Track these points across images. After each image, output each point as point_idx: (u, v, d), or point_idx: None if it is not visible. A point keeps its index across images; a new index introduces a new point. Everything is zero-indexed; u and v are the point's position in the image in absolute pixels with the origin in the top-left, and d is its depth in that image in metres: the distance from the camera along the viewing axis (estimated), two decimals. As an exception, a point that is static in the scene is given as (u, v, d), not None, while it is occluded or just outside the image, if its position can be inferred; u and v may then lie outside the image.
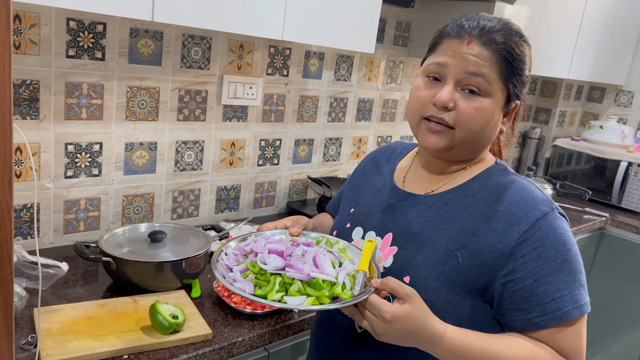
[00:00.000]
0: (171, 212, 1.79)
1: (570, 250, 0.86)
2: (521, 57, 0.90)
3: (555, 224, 0.87)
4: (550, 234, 0.86)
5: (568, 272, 0.85)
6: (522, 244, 0.85)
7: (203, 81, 1.73)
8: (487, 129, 0.91)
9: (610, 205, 2.87)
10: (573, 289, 0.85)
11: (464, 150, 0.94)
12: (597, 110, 3.38)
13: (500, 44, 0.88)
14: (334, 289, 0.86)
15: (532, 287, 0.85)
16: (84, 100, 1.50)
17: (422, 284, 0.89)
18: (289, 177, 2.12)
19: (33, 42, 1.37)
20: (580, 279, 0.87)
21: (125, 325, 1.16)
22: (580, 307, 0.85)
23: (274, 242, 0.95)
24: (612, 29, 2.82)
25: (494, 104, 0.90)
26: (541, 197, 0.90)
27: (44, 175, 1.49)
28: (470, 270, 0.88)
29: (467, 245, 0.89)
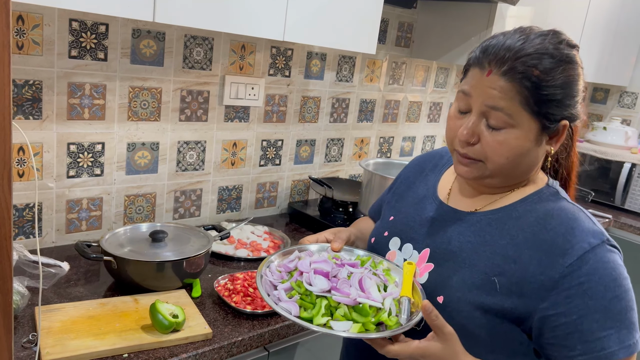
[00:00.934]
0: (173, 212, 1.80)
1: (621, 286, 0.81)
2: (550, 81, 0.81)
3: (605, 257, 0.81)
4: (598, 269, 0.80)
5: (617, 311, 0.80)
6: (566, 277, 0.81)
7: (205, 82, 1.74)
8: (519, 159, 0.86)
9: (613, 206, 2.86)
10: (621, 327, 0.80)
11: (500, 179, 0.90)
12: (601, 111, 3.37)
13: (520, 73, 0.81)
14: (379, 315, 0.85)
15: (576, 323, 0.80)
16: (87, 100, 1.51)
17: (455, 306, 0.87)
18: (291, 177, 2.12)
19: (36, 42, 1.38)
20: (630, 317, 0.81)
21: (125, 324, 1.16)
22: (627, 347, 0.80)
23: (319, 261, 0.94)
24: (616, 30, 2.81)
25: (522, 135, 0.84)
26: (590, 229, 0.84)
27: (47, 175, 1.50)
28: (507, 299, 0.84)
29: (506, 272, 0.85)
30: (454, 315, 0.86)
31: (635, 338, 0.81)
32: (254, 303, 1.31)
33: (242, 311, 1.28)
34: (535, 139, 0.85)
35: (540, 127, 0.84)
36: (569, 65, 0.84)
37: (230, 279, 1.42)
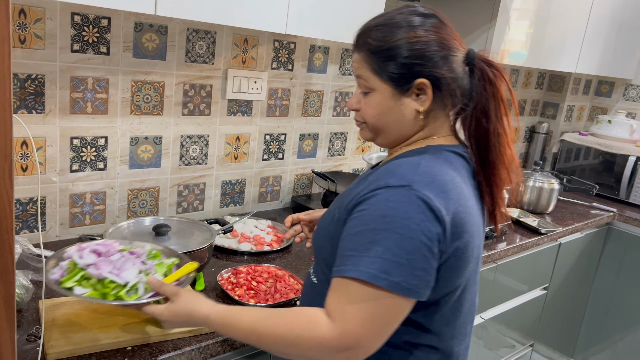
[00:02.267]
0: (176, 206, 1.80)
1: (388, 224, 0.85)
2: (383, 44, 0.94)
3: (392, 197, 0.87)
4: (378, 202, 0.87)
5: (369, 240, 0.85)
6: (358, 204, 0.90)
7: (207, 75, 1.73)
8: (385, 117, 0.98)
9: (618, 200, 2.85)
10: (363, 255, 0.85)
11: (386, 138, 1.02)
12: (606, 104, 3.35)
13: (361, 44, 0.98)
14: (119, 291, 1.01)
15: (343, 239, 0.90)
16: (89, 94, 1.51)
17: (315, 234, 1.07)
18: (294, 171, 2.12)
19: (38, 36, 1.38)
20: (377, 251, 0.84)
21: (129, 317, 1.17)
22: (360, 271, 0.84)
23: (101, 244, 1.12)
24: (621, 22, 2.79)
25: (380, 95, 0.97)
26: (401, 173, 0.90)
27: (50, 169, 1.50)
28: (338, 225, 0.95)
29: (341, 205, 0.97)
30: (315, 240, 1.06)
31: (374, 270, 0.83)
32: (257, 296, 1.32)
33: (245, 304, 1.28)
34: (391, 97, 0.96)
35: (392, 86, 0.96)
36: (402, 29, 0.94)
37: (233, 272, 1.42)
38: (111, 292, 1.00)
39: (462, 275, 0.94)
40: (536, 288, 2.38)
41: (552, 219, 2.42)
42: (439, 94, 0.95)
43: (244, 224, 1.77)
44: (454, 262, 0.90)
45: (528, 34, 2.26)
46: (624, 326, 2.76)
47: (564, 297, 2.61)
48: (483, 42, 2.11)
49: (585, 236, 2.54)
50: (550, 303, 2.50)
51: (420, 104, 0.96)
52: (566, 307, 2.70)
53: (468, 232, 0.91)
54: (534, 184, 2.44)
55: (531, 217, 2.32)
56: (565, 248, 2.42)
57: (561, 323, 2.73)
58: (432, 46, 0.94)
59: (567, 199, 2.78)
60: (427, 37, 0.94)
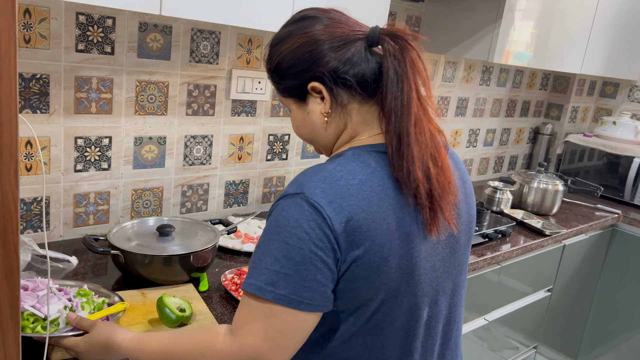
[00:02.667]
0: (180, 207, 1.80)
1: (279, 234, 0.82)
2: (269, 67, 0.96)
3: (286, 206, 0.83)
4: (275, 213, 0.84)
5: (263, 250, 0.83)
6: (268, 217, 0.87)
7: (212, 76, 1.73)
8: (303, 128, 0.98)
9: (622, 202, 2.84)
10: (255, 267, 0.83)
11: (320, 147, 1.01)
12: (610, 106, 3.34)
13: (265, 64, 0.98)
14: (37, 324, 1.02)
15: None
16: (94, 94, 1.51)
17: None
18: (298, 172, 2.11)
19: (43, 36, 1.38)
20: (264, 261, 0.82)
21: (132, 318, 1.16)
22: (247, 284, 0.83)
23: (32, 280, 1.14)
24: (626, 23, 2.78)
25: (294, 110, 0.98)
26: (300, 181, 0.86)
27: (54, 168, 1.50)
28: None
29: None
30: None
31: (260, 281, 0.81)
32: None
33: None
34: (299, 109, 0.96)
35: (294, 100, 0.96)
36: (282, 43, 0.94)
37: (237, 273, 1.42)
38: (30, 325, 1.01)
39: (372, 286, 0.85)
40: (540, 290, 2.37)
41: (556, 220, 2.41)
42: (337, 90, 0.90)
43: (248, 225, 1.76)
44: (357, 271, 0.83)
45: (533, 35, 2.25)
46: (628, 328, 2.75)
47: (568, 299, 2.60)
48: (488, 42, 2.10)
49: (590, 238, 2.53)
50: (555, 305, 2.49)
51: (322, 106, 0.93)
52: (570, 309, 2.69)
53: (371, 240, 0.82)
54: (538, 186, 2.43)
55: (535, 218, 2.31)
56: (570, 250, 2.41)
57: (565, 325, 2.72)
58: (307, 47, 0.90)
59: (571, 200, 2.77)
60: (298, 41, 0.91)
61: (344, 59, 0.89)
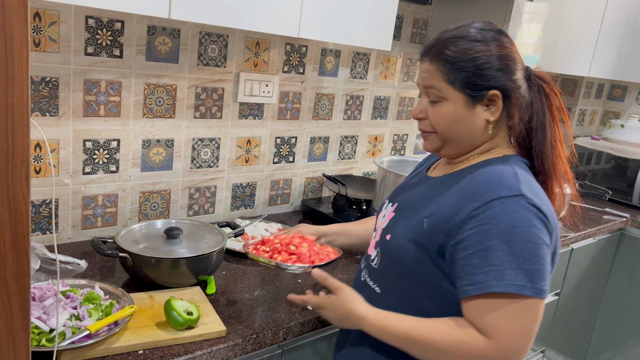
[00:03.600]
0: (187, 209, 1.80)
1: (518, 234, 0.89)
2: (460, 55, 0.99)
3: (511, 208, 0.91)
4: (500, 214, 0.90)
5: (506, 253, 0.89)
6: (472, 218, 0.92)
7: (219, 79, 1.74)
8: (456, 126, 1.03)
9: (631, 205, 2.82)
10: (505, 268, 0.88)
11: (454, 147, 1.06)
12: (619, 108, 3.32)
13: (436, 55, 1.02)
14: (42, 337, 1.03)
15: (470, 257, 0.91)
16: (102, 97, 1.51)
17: (395, 241, 1.05)
18: (304, 174, 2.12)
19: (53, 39, 1.39)
20: (520, 263, 0.89)
21: (140, 320, 1.17)
22: (505, 285, 0.88)
23: (38, 287, 1.15)
24: (634, 26, 2.76)
25: (452, 104, 1.01)
26: (508, 184, 0.94)
27: (63, 171, 1.51)
28: (431, 236, 0.98)
29: (434, 214, 0.99)
30: (394, 249, 1.05)
31: (518, 281, 0.88)
32: (300, 259, 1.22)
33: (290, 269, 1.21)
34: (464, 106, 1.01)
35: (466, 96, 1.00)
36: (479, 43, 1.00)
37: (260, 243, 1.31)
38: (35, 337, 1.02)
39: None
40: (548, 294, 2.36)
41: (564, 224, 2.39)
42: (507, 105, 1.02)
43: (255, 227, 1.77)
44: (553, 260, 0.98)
45: (541, 38, 2.24)
46: (636, 332, 2.73)
47: (575, 303, 2.59)
48: (495, 45, 2.09)
49: (598, 242, 2.52)
50: (562, 309, 2.48)
51: (490, 114, 1.02)
52: (578, 313, 2.67)
53: (556, 230, 0.98)
54: (545, 189, 2.42)
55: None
56: (578, 253, 2.39)
57: (573, 329, 2.71)
58: (503, 60, 1.00)
59: (578, 204, 2.75)
60: (500, 51, 1.00)
61: (519, 83, 1.02)
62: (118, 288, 1.24)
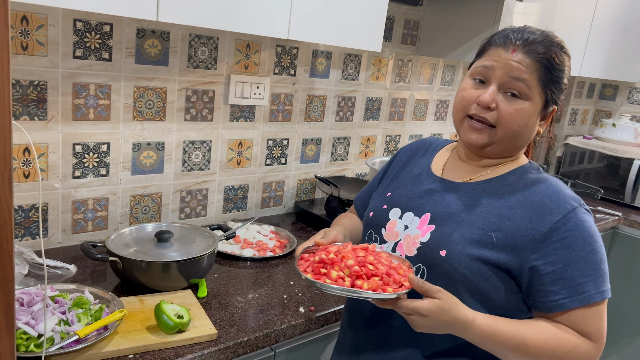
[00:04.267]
0: (179, 212, 1.80)
1: (596, 242, 0.95)
2: (560, 66, 0.99)
3: (583, 217, 0.96)
4: (579, 226, 0.94)
5: (593, 261, 0.94)
6: (553, 232, 0.94)
7: (210, 81, 1.73)
8: (524, 129, 1.00)
9: (623, 204, 2.83)
10: (597, 276, 0.94)
11: (502, 148, 1.03)
12: (610, 108, 3.34)
13: (542, 53, 0.97)
14: (30, 342, 1.01)
15: (561, 271, 0.93)
16: (92, 100, 1.51)
17: (456, 257, 0.97)
18: (297, 176, 2.11)
19: (40, 43, 1.38)
20: (603, 268, 0.95)
21: (130, 324, 1.16)
22: (602, 292, 0.94)
23: (27, 292, 1.13)
24: (625, 25, 2.78)
25: (533, 107, 0.99)
26: (570, 194, 0.99)
27: (52, 175, 1.50)
28: (502, 251, 0.95)
29: (502, 228, 0.97)
30: (456, 266, 0.97)
31: (607, 285, 0.96)
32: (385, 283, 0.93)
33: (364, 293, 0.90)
34: (536, 112, 1.01)
35: (543, 104, 1.00)
36: (569, 60, 1.03)
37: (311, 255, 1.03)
38: (24, 342, 1.00)
39: None
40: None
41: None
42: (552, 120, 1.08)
43: (247, 230, 1.76)
44: None
45: (531, 38, 2.25)
46: (631, 331, 2.74)
47: (569, 302, 2.59)
48: (486, 46, 2.10)
49: (591, 240, 2.52)
50: (556, 308, 2.48)
51: (540, 127, 1.05)
52: (572, 312, 2.67)
53: None
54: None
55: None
56: (571, 253, 2.39)
57: (567, 328, 2.71)
58: (569, 78, 1.04)
59: (571, 203, 2.75)
60: (569, 72, 1.04)
61: None
62: (108, 292, 1.23)
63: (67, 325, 1.06)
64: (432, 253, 1.00)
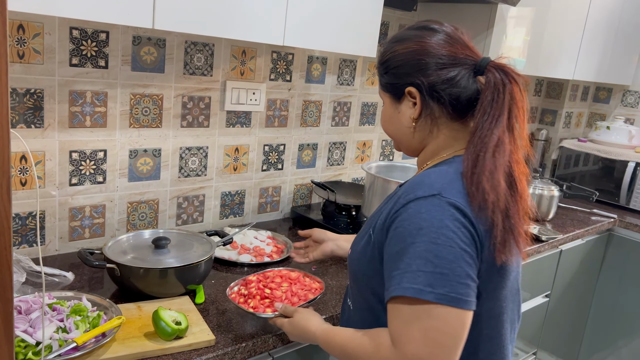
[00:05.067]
0: (176, 218, 1.80)
1: (424, 236, 0.84)
2: (381, 59, 1.04)
3: (422, 208, 0.87)
4: (411, 216, 0.87)
5: (409, 255, 0.85)
6: (393, 221, 0.91)
7: (206, 87, 1.74)
8: (388, 124, 1.07)
9: (618, 206, 2.84)
10: (406, 271, 0.84)
11: (403, 146, 1.08)
12: (604, 110, 3.36)
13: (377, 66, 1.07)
14: (28, 350, 1.02)
15: (386, 261, 0.91)
16: (88, 108, 1.51)
17: (352, 256, 1.06)
18: (293, 182, 2.12)
19: (37, 51, 1.39)
20: (420, 266, 0.83)
21: (128, 331, 1.16)
22: (403, 289, 0.84)
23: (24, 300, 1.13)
24: (618, 28, 2.80)
25: (386, 104, 1.06)
26: (428, 183, 0.90)
27: (49, 183, 1.50)
28: (375, 246, 0.96)
29: (375, 224, 0.98)
30: (351, 263, 1.06)
31: (419, 284, 0.83)
32: (273, 305, 1.22)
33: (263, 316, 1.21)
34: (391, 105, 1.04)
35: (390, 96, 1.04)
36: (398, 43, 1.01)
37: (243, 284, 1.33)
38: (22, 350, 1.01)
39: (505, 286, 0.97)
40: (538, 295, 2.37)
41: (552, 226, 2.41)
42: (430, 101, 0.98)
43: (244, 236, 1.76)
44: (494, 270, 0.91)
45: (525, 42, 2.26)
46: (627, 332, 2.75)
47: (566, 304, 2.60)
48: (480, 50, 2.10)
49: (586, 243, 2.54)
50: (553, 310, 2.49)
51: (413, 110, 1.01)
52: (569, 314, 2.68)
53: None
54: (533, 191, 2.44)
55: (531, 224, 2.31)
56: (567, 255, 2.41)
57: (564, 330, 2.72)
58: (417, 55, 0.98)
59: (567, 205, 2.77)
60: (412, 47, 0.98)
61: (444, 77, 0.96)
62: (106, 299, 1.23)
63: (65, 332, 1.07)
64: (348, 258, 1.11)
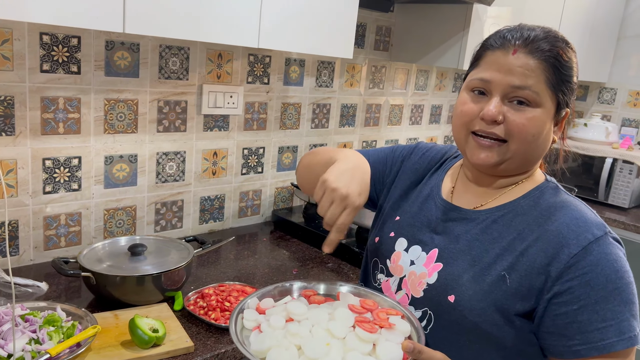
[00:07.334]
0: (154, 225, 1.77)
1: (623, 279, 0.81)
2: (569, 63, 0.87)
3: (607, 249, 0.82)
4: (601, 260, 0.81)
5: (617, 302, 0.80)
6: (570, 267, 0.81)
7: (182, 91, 1.72)
8: (539, 140, 0.88)
9: (597, 202, 2.88)
10: (621, 319, 0.80)
11: (516, 165, 0.90)
12: (581, 108, 3.40)
13: (547, 51, 0.85)
14: None
15: (576, 313, 0.80)
16: (61, 114, 1.48)
17: (467, 304, 0.87)
18: (274, 185, 2.11)
19: (6, 57, 1.36)
20: (631, 310, 0.81)
21: (105, 340, 1.14)
22: (627, 339, 0.79)
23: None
24: (592, 27, 2.84)
25: (545, 114, 0.86)
26: (593, 220, 0.85)
27: (22, 191, 1.47)
28: (517, 293, 0.84)
29: (516, 266, 0.85)
30: (467, 314, 0.86)
31: (635, 330, 0.80)
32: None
33: (223, 327, 1.25)
34: (549, 119, 0.88)
35: (555, 108, 0.88)
36: (576, 56, 0.90)
37: (199, 296, 1.37)
38: None
39: None
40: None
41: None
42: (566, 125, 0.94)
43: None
44: None
45: (501, 41, 2.28)
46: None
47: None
48: (457, 50, 2.13)
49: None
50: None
51: (555, 133, 0.91)
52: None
53: None
54: (513, 189, 2.45)
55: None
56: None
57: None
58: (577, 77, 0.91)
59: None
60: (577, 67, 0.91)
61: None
62: (81, 309, 1.20)
63: (38, 344, 1.04)
64: (440, 298, 0.90)
